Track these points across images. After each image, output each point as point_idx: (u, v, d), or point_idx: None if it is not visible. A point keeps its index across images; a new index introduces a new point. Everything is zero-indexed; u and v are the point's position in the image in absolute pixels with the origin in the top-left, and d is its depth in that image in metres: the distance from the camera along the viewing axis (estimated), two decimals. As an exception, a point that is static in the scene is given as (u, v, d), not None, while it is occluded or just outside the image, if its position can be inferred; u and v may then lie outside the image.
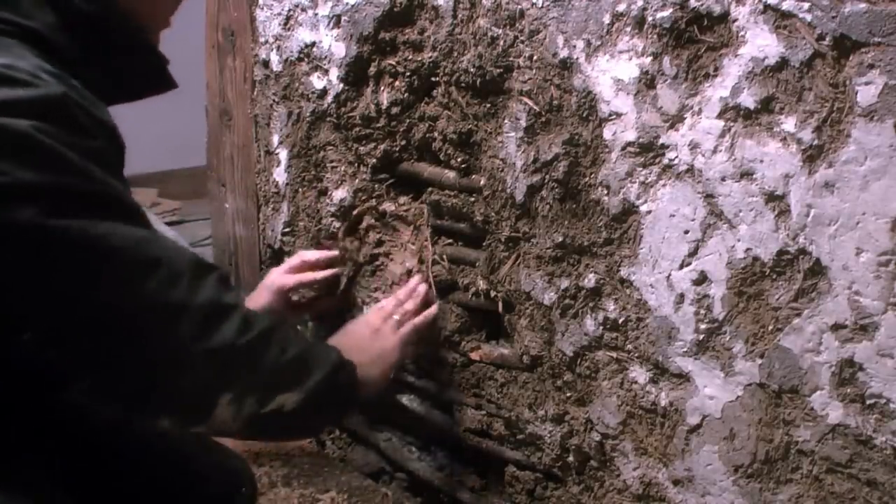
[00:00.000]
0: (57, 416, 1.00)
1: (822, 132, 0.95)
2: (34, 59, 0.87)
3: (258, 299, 1.47)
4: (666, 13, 1.07)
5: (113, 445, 1.08)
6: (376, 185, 1.58)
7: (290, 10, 1.70)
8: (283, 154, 1.78)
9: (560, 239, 1.24)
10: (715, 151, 1.05)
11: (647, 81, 1.11)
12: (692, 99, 1.06)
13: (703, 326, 1.10)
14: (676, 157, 1.09)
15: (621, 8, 1.12)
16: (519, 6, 1.24)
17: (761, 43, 0.98)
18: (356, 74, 1.55)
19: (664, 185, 1.11)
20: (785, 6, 0.96)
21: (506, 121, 1.29)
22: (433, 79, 1.41)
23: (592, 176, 1.19)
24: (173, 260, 0.91)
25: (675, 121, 1.09)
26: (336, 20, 1.56)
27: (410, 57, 1.43)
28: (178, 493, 1.09)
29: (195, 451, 1.15)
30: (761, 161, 1.01)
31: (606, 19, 1.14)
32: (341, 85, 1.58)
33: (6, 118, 0.80)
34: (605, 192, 1.18)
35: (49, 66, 0.87)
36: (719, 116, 1.04)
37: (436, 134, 1.43)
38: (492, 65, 1.29)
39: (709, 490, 1.13)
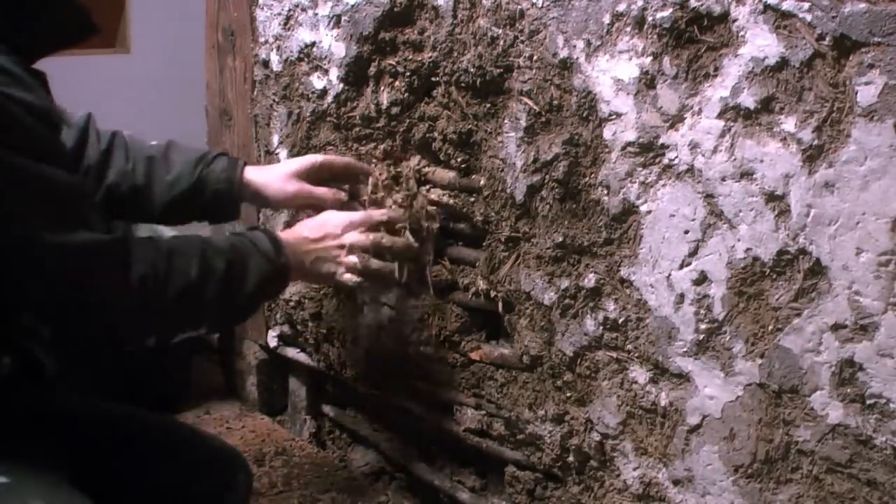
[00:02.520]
0: (57, 402, 1.02)
1: (822, 132, 0.95)
2: None
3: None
4: (666, 13, 1.07)
5: (115, 433, 1.10)
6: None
7: (290, 10, 1.70)
8: (283, 154, 1.78)
9: (560, 239, 1.24)
10: (715, 151, 1.05)
11: (647, 81, 1.11)
12: (692, 99, 1.06)
13: (703, 326, 1.10)
14: (676, 157, 1.09)
15: (621, 8, 1.12)
16: (519, 6, 1.24)
17: (761, 43, 0.98)
18: (356, 74, 1.55)
19: (664, 185, 1.11)
20: (785, 6, 0.96)
21: (506, 121, 1.29)
22: (433, 79, 1.41)
23: (592, 176, 1.19)
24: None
25: (675, 121, 1.09)
26: (336, 20, 1.57)
27: (410, 57, 1.43)
28: (181, 476, 1.12)
29: (194, 439, 1.18)
30: (761, 161, 1.01)
31: (606, 19, 1.14)
32: (341, 85, 1.58)
33: None
34: (605, 192, 1.18)
35: None
36: (719, 116, 1.04)
37: (436, 134, 1.43)
38: (492, 65, 1.29)
39: (709, 490, 1.13)
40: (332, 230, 1.27)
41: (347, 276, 1.27)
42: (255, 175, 1.38)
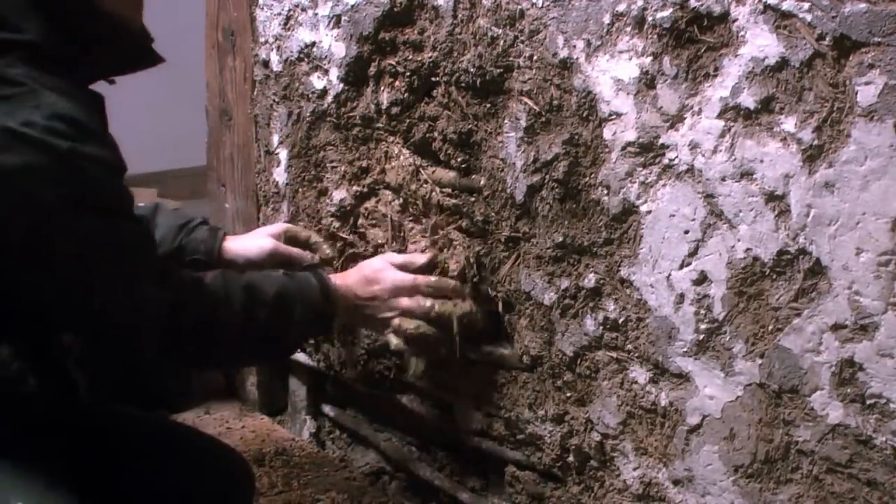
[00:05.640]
0: (57, 406, 1.02)
1: (822, 132, 0.95)
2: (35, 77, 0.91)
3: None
4: (666, 13, 1.07)
5: (116, 440, 1.10)
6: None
7: (290, 10, 1.70)
8: (283, 154, 1.78)
9: (560, 239, 1.24)
10: (715, 151, 1.05)
11: (647, 81, 1.11)
12: (692, 99, 1.06)
13: (703, 326, 1.10)
14: (676, 157, 1.09)
15: (621, 8, 1.12)
16: (519, 6, 1.24)
17: (761, 43, 0.98)
18: (356, 74, 1.55)
19: (664, 185, 1.11)
20: (785, 6, 0.96)
21: (506, 121, 1.29)
22: (433, 79, 1.41)
23: (592, 176, 1.19)
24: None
25: (675, 121, 1.09)
26: (336, 20, 1.57)
27: (410, 57, 1.43)
28: (180, 486, 1.11)
29: (196, 447, 1.17)
30: (761, 161, 1.01)
31: (606, 19, 1.14)
32: (341, 85, 1.58)
33: (27, 186, 0.87)
34: (605, 192, 1.18)
35: (45, 76, 0.92)
36: (719, 116, 1.04)
37: (436, 134, 1.43)
38: (492, 65, 1.29)
39: (709, 490, 1.13)
40: (381, 293, 1.31)
41: (394, 341, 1.34)
42: (233, 244, 1.48)
